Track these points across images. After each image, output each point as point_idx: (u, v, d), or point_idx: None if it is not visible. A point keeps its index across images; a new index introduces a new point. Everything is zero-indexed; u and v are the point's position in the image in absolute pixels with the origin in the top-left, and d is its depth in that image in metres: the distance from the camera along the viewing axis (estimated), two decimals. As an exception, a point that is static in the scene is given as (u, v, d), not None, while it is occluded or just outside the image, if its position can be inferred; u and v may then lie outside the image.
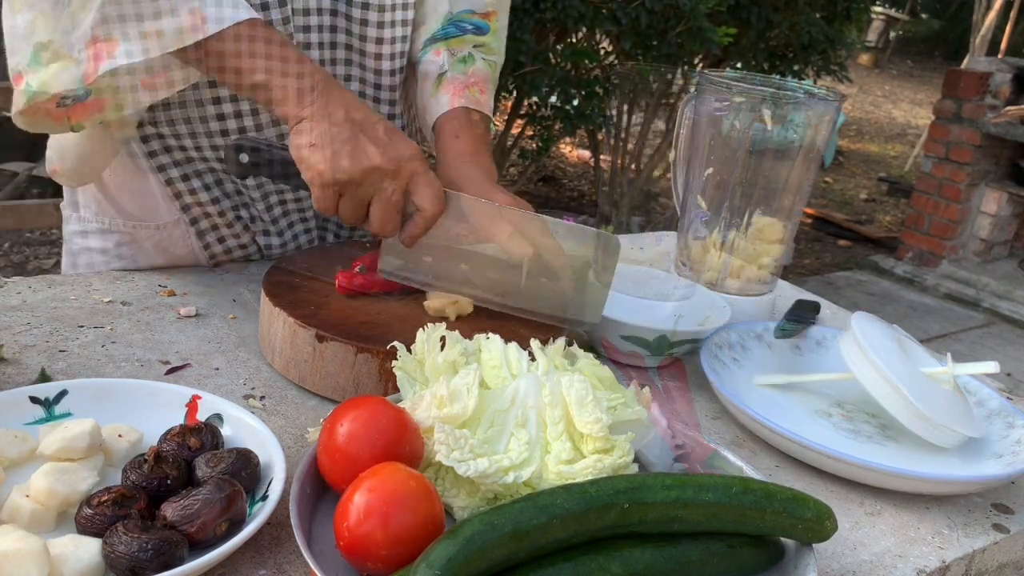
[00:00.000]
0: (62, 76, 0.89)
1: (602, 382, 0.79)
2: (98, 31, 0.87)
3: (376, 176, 0.87)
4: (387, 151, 0.87)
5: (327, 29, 1.08)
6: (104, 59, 0.88)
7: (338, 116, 0.88)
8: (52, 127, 0.96)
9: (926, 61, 14.69)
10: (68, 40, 0.88)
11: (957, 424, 0.94)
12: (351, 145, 0.87)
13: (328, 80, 0.90)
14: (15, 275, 1.30)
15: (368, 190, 0.89)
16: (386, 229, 0.91)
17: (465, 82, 1.13)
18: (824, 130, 1.17)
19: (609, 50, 4.10)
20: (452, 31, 1.16)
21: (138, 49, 0.87)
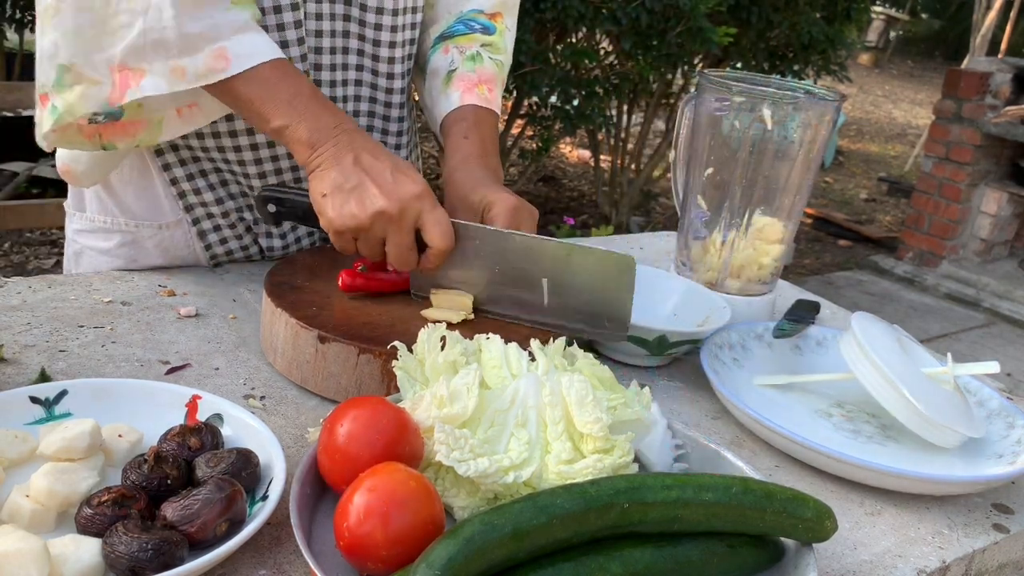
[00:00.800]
0: (86, 98, 0.92)
1: (602, 382, 0.79)
2: (128, 59, 0.90)
3: (383, 220, 0.89)
4: (392, 195, 0.89)
5: (340, 34, 1.09)
6: (131, 86, 0.90)
7: (347, 162, 0.90)
8: (83, 144, 0.98)
9: (926, 61, 14.70)
10: (91, 61, 0.91)
11: (957, 424, 0.94)
12: (358, 192, 0.89)
13: (342, 128, 0.92)
14: (15, 275, 1.30)
15: (378, 233, 0.91)
16: (404, 265, 0.94)
17: (475, 80, 1.14)
18: (824, 130, 1.17)
19: (609, 50, 4.10)
20: (461, 29, 1.17)
21: (164, 83, 0.90)
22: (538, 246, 0.93)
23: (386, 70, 1.14)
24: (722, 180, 1.20)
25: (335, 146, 0.91)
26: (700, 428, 0.99)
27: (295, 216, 1.01)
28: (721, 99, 1.17)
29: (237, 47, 0.90)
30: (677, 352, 1.09)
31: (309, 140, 0.91)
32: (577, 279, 0.93)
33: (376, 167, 0.90)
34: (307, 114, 0.91)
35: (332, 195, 0.90)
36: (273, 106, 0.91)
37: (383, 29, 1.11)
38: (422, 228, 0.91)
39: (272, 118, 0.91)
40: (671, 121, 5.16)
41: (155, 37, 0.89)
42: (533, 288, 0.95)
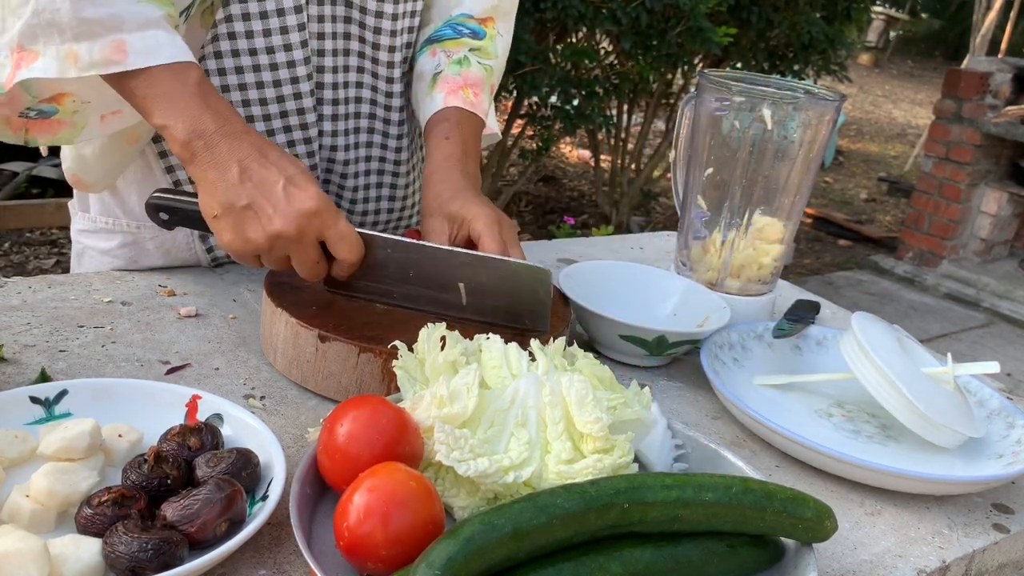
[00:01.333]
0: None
1: (602, 382, 0.79)
2: (23, 39, 0.86)
3: (282, 241, 0.86)
4: (287, 215, 0.84)
5: (341, 36, 1.09)
6: (22, 67, 0.86)
7: (232, 175, 0.84)
8: (6, 135, 0.95)
9: (926, 61, 14.70)
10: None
11: (957, 424, 0.94)
12: (250, 214, 0.85)
13: (225, 130, 0.86)
14: (15, 275, 1.30)
15: (280, 252, 0.88)
16: (313, 278, 0.91)
17: (460, 83, 1.13)
18: (824, 130, 1.17)
19: (609, 50, 4.10)
20: (449, 33, 1.16)
21: (54, 67, 0.85)
22: (450, 257, 0.93)
23: (386, 73, 1.14)
24: (722, 180, 1.20)
25: (214, 154, 0.85)
26: (700, 428, 0.99)
27: (191, 223, 0.95)
28: (721, 99, 1.17)
29: (138, 43, 0.85)
30: (677, 352, 1.09)
31: (185, 142, 0.85)
32: (493, 285, 0.94)
33: (266, 182, 0.84)
34: (186, 114, 0.85)
35: (223, 217, 0.85)
36: (155, 102, 0.85)
37: (383, 33, 1.11)
38: (327, 243, 0.89)
39: (153, 115, 0.86)
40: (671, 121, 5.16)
41: (47, 18, 0.84)
42: (450, 290, 0.95)
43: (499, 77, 1.22)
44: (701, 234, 1.24)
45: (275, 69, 1.05)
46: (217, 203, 0.85)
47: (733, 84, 1.16)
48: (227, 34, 1.02)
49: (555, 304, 1.05)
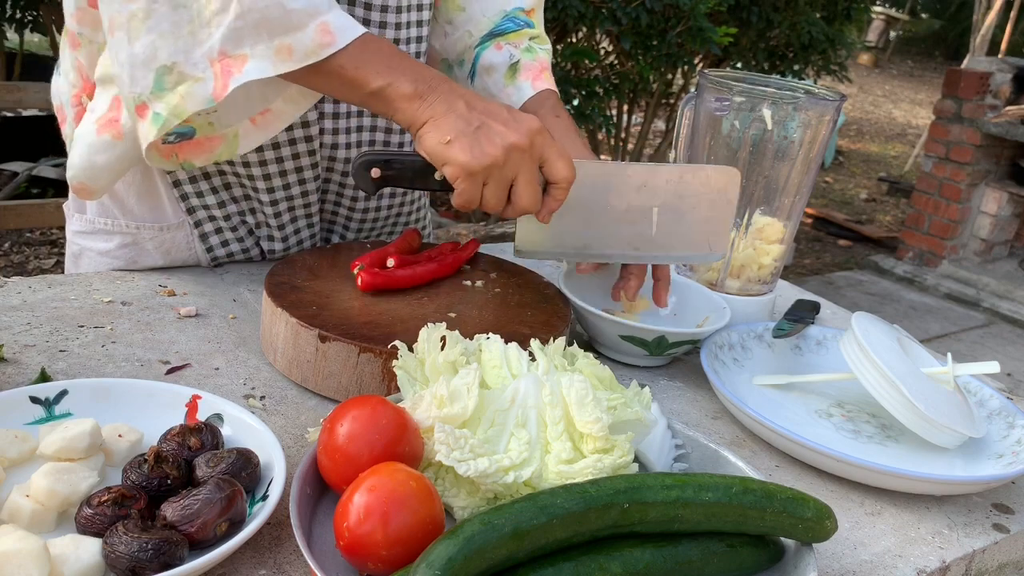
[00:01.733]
0: (190, 97, 0.88)
1: (602, 382, 0.79)
2: (227, 46, 0.86)
3: (516, 154, 0.90)
4: (519, 128, 0.90)
5: None
6: (234, 74, 0.86)
7: (460, 107, 0.89)
8: (164, 163, 0.97)
9: (926, 61, 14.70)
10: (191, 59, 0.87)
11: (957, 424, 0.94)
12: (485, 131, 0.89)
13: (442, 79, 0.92)
14: (15, 275, 1.30)
15: (511, 170, 0.90)
16: (532, 207, 0.94)
17: (538, 68, 1.20)
18: (824, 130, 1.17)
19: (609, 50, 4.10)
20: (510, 26, 1.22)
21: (269, 66, 0.86)
22: (652, 173, 0.96)
23: None
24: (722, 180, 1.20)
25: (442, 94, 0.90)
26: (700, 428, 0.99)
27: (403, 179, 0.95)
28: (721, 99, 1.17)
29: (336, 21, 0.88)
30: (677, 352, 1.09)
31: (415, 92, 0.89)
32: (686, 201, 0.96)
33: (491, 108, 0.91)
34: (406, 70, 0.90)
35: (457, 139, 0.88)
36: (369, 70, 0.89)
37: (388, 27, 1.11)
38: (545, 162, 0.92)
39: (370, 81, 0.89)
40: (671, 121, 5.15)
41: (256, 17, 0.85)
42: (642, 221, 0.97)
43: None
44: (701, 234, 1.24)
45: None
46: (450, 129, 0.89)
47: (733, 84, 1.16)
48: None
49: (554, 303, 1.06)
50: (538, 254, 1.02)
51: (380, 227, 1.30)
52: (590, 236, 0.98)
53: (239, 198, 1.17)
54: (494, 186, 0.91)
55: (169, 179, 1.12)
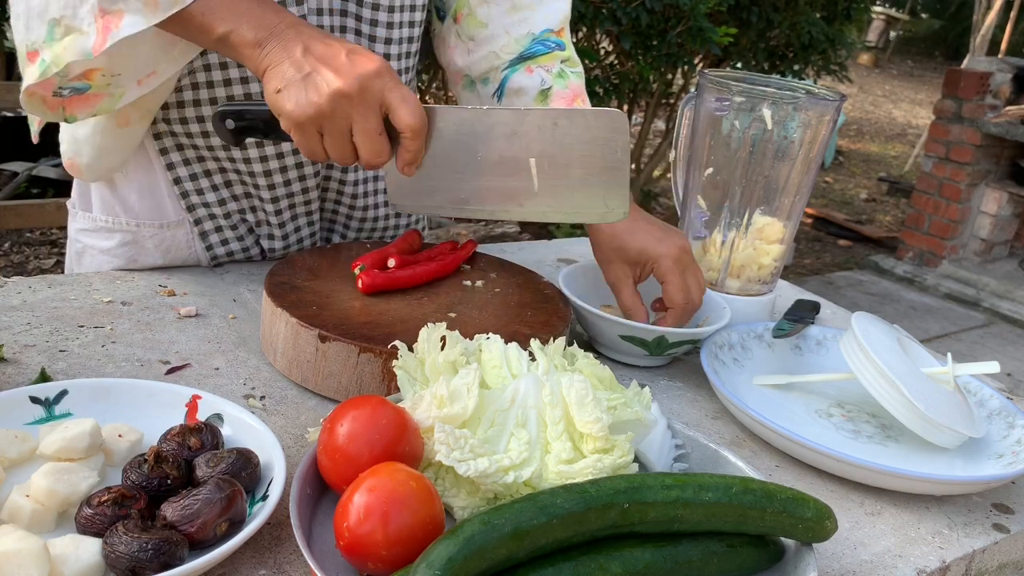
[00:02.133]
0: (72, 48, 0.89)
1: (602, 382, 0.79)
2: (104, 3, 0.87)
3: (344, 102, 0.84)
4: (349, 73, 0.83)
5: (337, 30, 1.10)
6: (112, 29, 0.88)
7: (296, 53, 0.85)
8: (46, 114, 0.97)
9: (926, 61, 14.70)
10: (77, 14, 0.89)
11: (957, 424, 0.94)
12: (313, 78, 0.84)
13: (289, 24, 0.88)
14: (15, 275, 1.30)
15: (342, 121, 0.85)
16: (376, 159, 0.88)
17: (570, 96, 1.18)
18: (824, 130, 1.17)
19: (609, 50, 4.10)
20: (540, 49, 1.19)
21: (141, 19, 0.87)
22: (520, 119, 0.87)
23: None
24: (722, 180, 1.20)
25: (281, 40, 0.86)
26: (700, 428, 0.99)
27: (257, 129, 0.94)
28: (721, 99, 1.17)
29: None
30: (677, 352, 1.09)
31: (255, 39, 0.86)
32: (566, 152, 0.87)
33: (329, 52, 0.85)
34: (248, 16, 0.87)
35: (287, 88, 0.85)
36: (214, 15, 0.87)
37: (379, 25, 1.11)
38: (388, 108, 0.86)
39: (216, 26, 0.87)
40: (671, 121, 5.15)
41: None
42: (520, 173, 0.89)
43: None
44: (701, 234, 1.24)
45: None
46: (280, 78, 0.85)
47: (733, 84, 1.16)
48: None
49: (554, 303, 1.06)
50: (413, 208, 0.95)
51: (380, 227, 1.30)
52: (466, 190, 0.91)
53: (239, 196, 1.17)
54: (330, 137, 0.86)
55: (169, 176, 1.12)
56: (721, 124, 1.18)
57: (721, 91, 1.17)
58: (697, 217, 1.24)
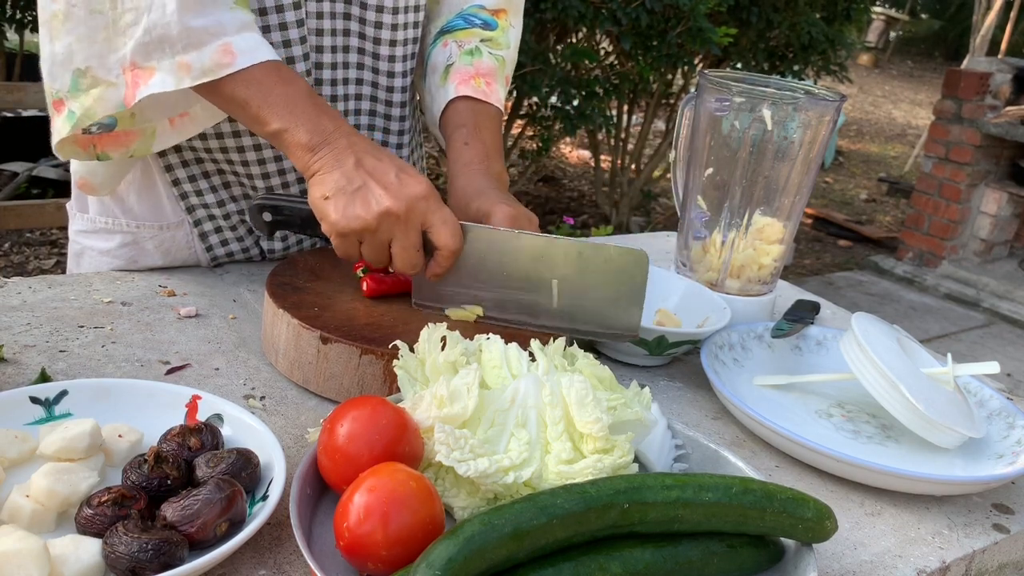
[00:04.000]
0: (103, 100, 0.92)
1: (602, 382, 0.79)
2: (137, 58, 0.89)
3: (390, 220, 0.87)
4: (398, 194, 0.87)
5: (340, 33, 1.09)
6: (140, 85, 0.90)
7: (348, 165, 0.88)
8: (80, 155, 0.99)
9: (926, 61, 14.70)
10: (105, 64, 0.91)
11: (958, 424, 0.94)
12: (363, 193, 0.87)
13: (343, 132, 0.91)
14: (15, 275, 1.30)
15: (385, 235, 0.89)
16: (411, 270, 0.92)
17: (471, 72, 1.13)
18: (824, 130, 1.17)
19: (609, 50, 4.10)
20: (460, 23, 1.17)
21: (171, 80, 0.89)
22: (548, 246, 0.92)
23: (387, 68, 1.14)
24: (722, 180, 1.20)
25: (335, 149, 0.89)
26: (700, 428, 0.99)
27: (292, 225, 0.98)
28: (721, 99, 1.17)
29: (241, 43, 0.89)
30: (677, 352, 1.09)
31: (309, 143, 0.89)
32: (588, 278, 0.92)
33: (379, 168, 0.89)
34: (305, 117, 0.90)
35: (335, 197, 0.88)
36: (271, 109, 0.90)
37: (384, 27, 1.11)
38: (429, 228, 0.90)
39: (270, 121, 0.90)
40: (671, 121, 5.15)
41: (160, 33, 0.88)
42: (542, 291, 0.93)
43: (512, 68, 1.23)
44: (701, 234, 1.24)
45: None
46: (330, 186, 0.88)
47: (733, 84, 1.16)
48: None
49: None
50: (433, 307, 0.98)
51: None
52: (487, 300, 0.95)
53: (238, 197, 1.17)
54: (369, 247, 0.90)
55: (168, 178, 1.12)
56: (721, 124, 1.18)
57: (721, 91, 1.17)
58: (697, 217, 1.24)
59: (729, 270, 1.22)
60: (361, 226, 0.88)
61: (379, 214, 0.87)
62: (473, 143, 1.08)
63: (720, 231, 1.22)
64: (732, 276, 1.23)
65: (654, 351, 1.07)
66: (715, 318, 1.12)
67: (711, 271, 1.23)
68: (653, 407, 0.82)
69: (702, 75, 1.21)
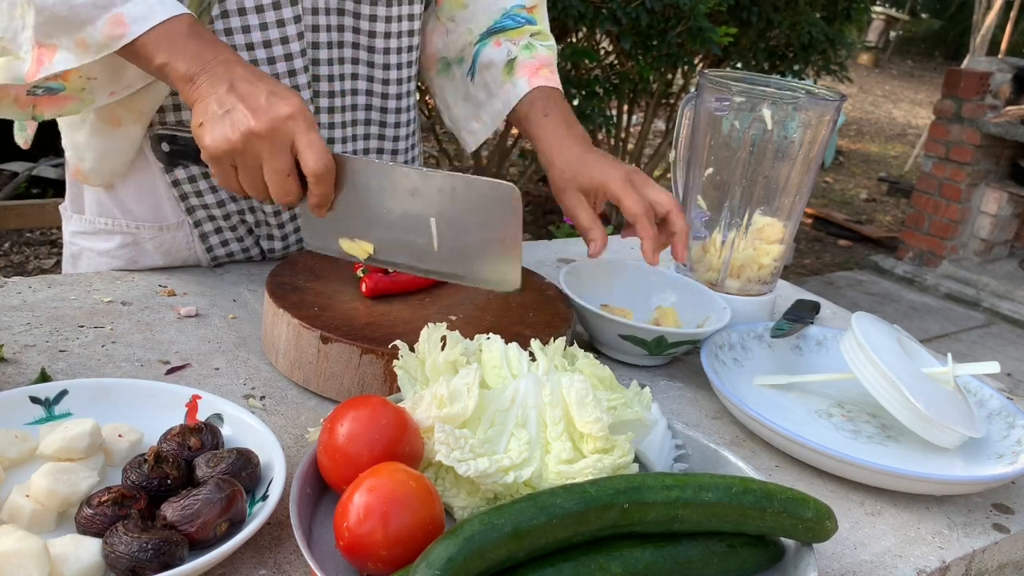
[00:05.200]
0: (7, 70, 0.94)
1: (602, 382, 0.79)
2: (40, 36, 0.91)
3: (256, 141, 0.87)
4: (263, 114, 0.87)
5: (335, 28, 1.10)
6: (44, 63, 0.92)
7: (221, 91, 0.88)
8: (15, 112, 0.99)
9: (926, 61, 14.70)
10: (17, 39, 0.93)
11: (958, 424, 0.94)
12: (231, 116, 0.87)
13: (223, 60, 0.90)
14: (15, 275, 1.30)
15: (253, 159, 0.88)
16: (283, 198, 0.91)
17: (536, 65, 1.21)
18: (824, 130, 1.17)
19: (609, 50, 4.10)
20: (509, 23, 1.24)
21: (72, 57, 0.91)
22: (423, 179, 0.91)
23: (382, 61, 1.15)
24: (722, 180, 1.20)
25: (211, 76, 0.89)
26: (700, 428, 0.99)
27: (188, 155, 0.98)
28: (721, 99, 1.17)
29: (132, 10, 0.89)
30: (677, 352, 1.09)
31: (187, 73, 0.89)
32: (463, 218, 0.91)
33: (251, 92, 0.88)
34: (185, 50, 0.90)
35: (207, 123, 0.88)
36: (156, 47, 0.90)
37: (378, 20, 1.12)
38: (297, 152, 0.88)
39: (154, 57, 0.90)
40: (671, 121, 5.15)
41: (48, 14, 0.89)
42: (422, 231, 0.92)
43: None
44: (701, 234, 1.24)
45: (272, 63, 1.05)
46: (203, 112, 0.89)
47: (733, 84, 1.16)
48: (223, 30, 1.02)
49: (555, 304, 1.06)
50: (324, 250, 0.98)
51: None
52: (375, 240, 0.95)
53: (238, 197, 1.17)
54: (243, 172, 0.90)
55: (168, 179, 1.12)
56: (721, 124, 1.18)
57: (721, 91, 1.17)
58: (697, 217, 1.24)
59: (729, 270, 1.22)
60: (228, 147, 0.87)
61: (243, 133, 0.86)
62: (553, 113, 1.17)
63: (720, 231, 1.22)
64: (732, 276, 1.23)
65: (654, 351, 1.07)
66: (715, 318, 1.12)
67: (711, 271, 1.23)
68: (653, 407, 0.82)
69: (702, 75, 1.21)
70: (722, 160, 1.19)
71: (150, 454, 0.69)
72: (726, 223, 1.21)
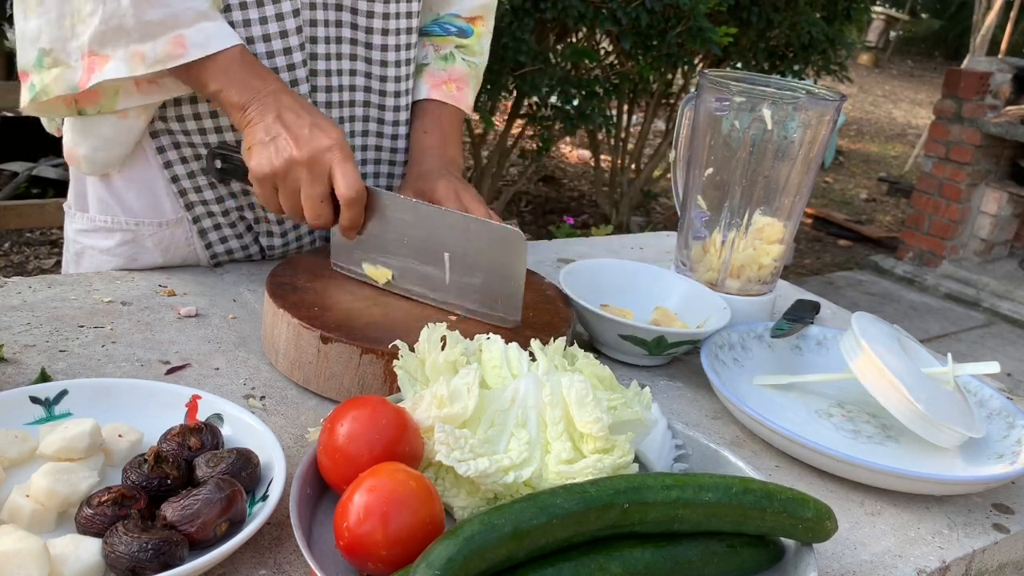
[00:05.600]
0: (59, 80, 0.99)
1: (602, 382, 0.79)
2: (94, 45, 0.97)
3: (295, 168, 0.95)
4: (305, 145, 0.95)
5: (333, 24, 1.10)
6: (96, 71, 0.97)
7: (269, 119, 0.97)
8: (62, 111, 1.05)
9: (926, 61, 14.70)
10: (67, 48, 0.98)
11: (958, 424, 0.94)
12: (276, 143, 0.96)
13: (272, 91, 0.98)
14: (15, 275, 1.30)
15: (292, 183, 0.96)
16: (316, 221, 0.98)
17: (444, 77, 1.23)
18: (824, 130, 1.17)
19: (609, 50, 4.10)
20: (436, 30, 1.25)
21: (124, 68, 0.97)
22: (439, 216, 0.97)
23: (380, 57, 1.16)
24: (722, 180, 1.20)
25: (261, 105, 0.97)
26: (700, 428, 0.99)
27: (238, 174, 1.04)
28: (721, 99, 1.17)
29: (195, 36, 0.96)
30: (677, 352, 1.09)
31: (239, 102, 0.98)
32: (474, 255, 0.96)
33: (295, 122, 0.96)
34: (237, 80, 0.98)
35: (255, 147, 0.97)
36: (208, 75, 0.98)
37: (375, 17, 1.13)
38: (333, 178, 0.96)
39: (209, 83, 0.98)
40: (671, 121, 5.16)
41: (115, 24, 0.95)
42: (437, 263, 0.98)
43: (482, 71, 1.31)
44: (701, 234, 1.24)
45: (272, 57, 1.06)
46: (251, 138, 0.98)
47: (733, 84, 1.16)
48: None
49: (555, 304, 1.06)
50: (348, 271, 1.05)
51: None
52: (396, 267, 1.01)
53: (237, 193, 1.17)
54: (283, 195, 0.98)
55: (167, 174, 1.12)
56: (721, 124, 1.18)
57: (721, 91, 1.17)
58: (697, 217, 1.24)
59: (729, 270, 1.22)
60: (271, 172, 0.96)
61: (285, 160, 0.95)
62: (432, 131, 1.20)
63: (720, 231, 1.22)
64: (732, 276, 1.23)
65: (654, 351, 1.07)
66: (715, 318, 1.12)
67: (711, 271, 1.23)
68: (653, 407, 0.82)
69: (702, 75, 1.21)
70: (722, 160, 1.19)
71: (150, 454, 0.69)
72: (726, 223, 1.21)
